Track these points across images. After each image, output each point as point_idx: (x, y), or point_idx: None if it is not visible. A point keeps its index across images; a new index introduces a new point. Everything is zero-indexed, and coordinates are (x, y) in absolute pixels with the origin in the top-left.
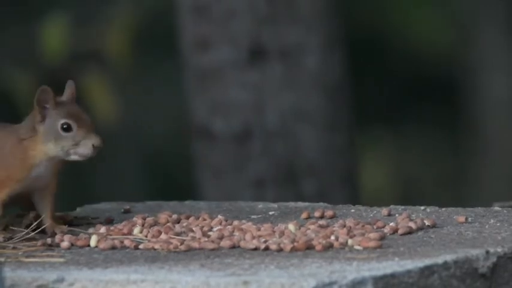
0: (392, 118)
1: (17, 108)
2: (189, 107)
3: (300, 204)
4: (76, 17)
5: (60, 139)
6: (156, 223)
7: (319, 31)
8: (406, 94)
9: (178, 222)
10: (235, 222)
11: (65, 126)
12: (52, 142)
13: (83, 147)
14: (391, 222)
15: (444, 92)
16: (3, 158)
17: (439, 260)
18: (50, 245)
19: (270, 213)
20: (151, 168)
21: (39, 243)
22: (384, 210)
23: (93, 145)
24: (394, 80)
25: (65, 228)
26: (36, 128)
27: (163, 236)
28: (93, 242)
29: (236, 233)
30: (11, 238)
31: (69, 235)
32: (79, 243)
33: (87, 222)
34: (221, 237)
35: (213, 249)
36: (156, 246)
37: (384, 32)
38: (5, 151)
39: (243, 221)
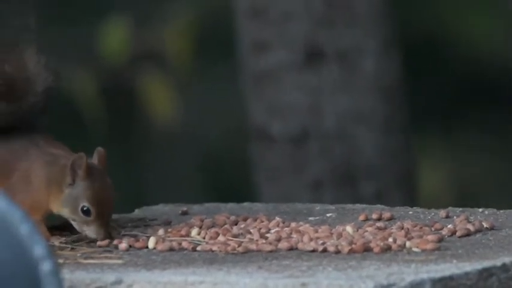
0: (449, 120)
1: (77, 108)
2: (246, 109)
3: (358, 206)
4: (136, 18)
5: (76, 214)
6: (213, 225)
7: (376, 33)
8: (464, 96)
9: (236, 224)
10: (293, 224)
11: (85, 209)
12: (68, 210)
13: (89, 233)
14: (449, 224)
15: (503, 95)
16: (37, 186)
17: (498, 262)
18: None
19: (328, 215)
20: (209, 170)
21: (98, 245)
22: (442, 212)
23: (95, 239)
24: (451, 81)
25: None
26: (63, 188)
27: (221, 238)
28: (151, 243)
29: (294, 235)
30: (74, 241)
31: (128, 237)
32: (137, 244)
33: (145, 224)
34: (279, 239)
35: (270, 251)
36: (214, 248)
37: (440, 33)
38: (37, 183)
39: (301, 223)
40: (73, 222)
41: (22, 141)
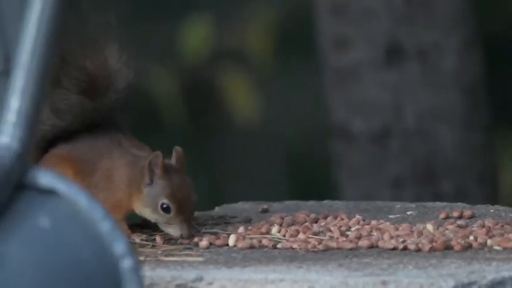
0: None
1: (157, 106)
2: (327, 107)
3: (438, 204)
4: (217, 16)
5: (157, 213)
6: (294, 222)
7: (456, 30)
8: None
9: (316, 222)
10: (373, 222)
11: (164, 206)
12: (149, 210)
13: (173, 231)
14: None
15: None
16: (118, 186)
17: None
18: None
19: (408, 213)
20: (290, 167)
21: (179, 242)
22: None
23: (181, 234)
24: None
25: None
26: (142, 188)
27: (301, 236)
28: (231, 241)
29: (374, 233)
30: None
31: (208, 234)
32: (217, 242)
33: (225, 222)
34: (359, 237)
35: (351, 249)
36: (294, 246)
37: None
38: (119, 182)
39: (381, 221)
40: (159, 225)
41: (105, 140)
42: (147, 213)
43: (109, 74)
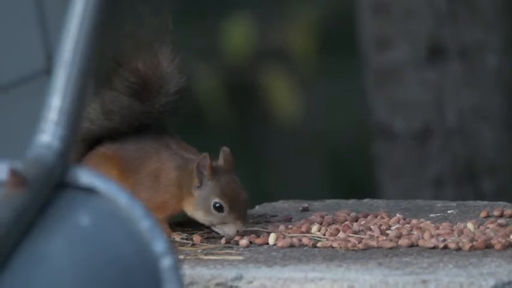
0: None
1: (200, 106)
2: (369, 106)
3: (479, 202)
4: (260, 15)
5: (210, 214)
6: (334, 221)
7: (499, 29)
8: None
9: (357, 221)
10: (414, 221)
11: (217, 205)
12: (202, 212)
13: (228, 229)
14: None
15: None
16: (166, 188)
17: None
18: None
19: (449, 211)
20: (331, 166)
21: (220, 241)
22: None
23: (237, 231)
24: None
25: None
26: (192, 191)
27: (341, 235)
28: (271, 240)
29: (414, 232)
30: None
31: (249, 233)
32: (257, 241)
33: (265, 220)
34: (399, 236)
35: (391, 248)
36: (334, 245)
37: None
38: (167, 184)
39: (422, 220)
40: (213, 228)
41: (153, 142)
42: (200, 215)
43: (161, 77)
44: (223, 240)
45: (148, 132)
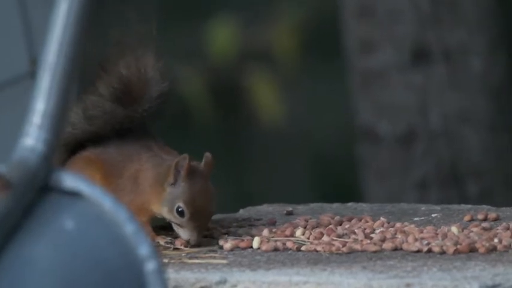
0: None
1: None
2: (353, 109)
3: (463, 206)
4: (244, 17)
5: (172, 214)
6: (318, 225)
7: (483, 32)
8: None
9: (341, 224)
10: (398, 224)
11: (179, 210)
12: (166, 209)
13: (182, 234)
14: None
15: None
16: (144, 188)
17: None
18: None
19: (433, 215)
20: (314, 169)
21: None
22: None
23: (187, 241)
24: None
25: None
26: (165, 186)
27: (325, 238)
28: (255, 243)
29: (398, 235)
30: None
31: (232, 237)
32: (242, 244)
33: (249, 224)
34: (383, 240)
35: (375, 252)
36: (319, 248)
37: None
38: (145, 184)
39: (406, 223)
40: (172, 224)
41: (135, 145)
42: (164, 212)
43: (144, 82)
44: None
45: (132, 136)
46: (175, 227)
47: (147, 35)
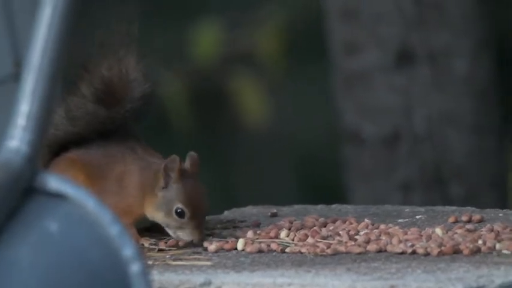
0: None
1: (167, 111)
2: (337, 110)
3: (447, 208)
4: (228, 20)
5: (170, 218)
6: (303, 227)
7: (467, 34)
8: None
9: (325, 226)
10: (382, 226)
11: (178, 211)
12: (162, 214)
13: (183, 236)
14: None
15: None
16: (129, 191)
17: None
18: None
19: (417, 217)
20: (298, 171)
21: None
22: None
23: (191, 241)
24: None
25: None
26: (156, 192)
27: (310, 240)
28: (240, 245)
29: (383, 237)
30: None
31: (217, 239)
32: (226, 246)
33: (234, 226)
34: (368, 241)
35: (359, 253)
36: (303, 250)
37: None
38: (131, 187)
39: (390, 225)
40: (167, 229)
41: (119, 147)
42: (159, 217)
43: (126, 83)
44: (190, 246)
45: (115, 137)
46: (172, 232)
47: (129, 36)
